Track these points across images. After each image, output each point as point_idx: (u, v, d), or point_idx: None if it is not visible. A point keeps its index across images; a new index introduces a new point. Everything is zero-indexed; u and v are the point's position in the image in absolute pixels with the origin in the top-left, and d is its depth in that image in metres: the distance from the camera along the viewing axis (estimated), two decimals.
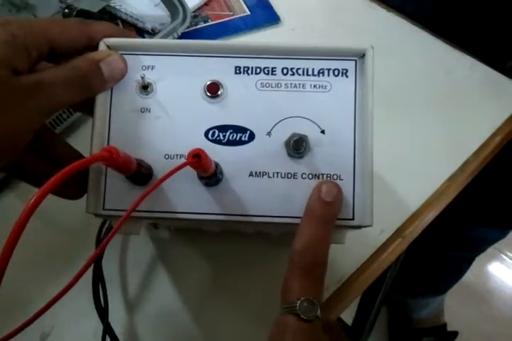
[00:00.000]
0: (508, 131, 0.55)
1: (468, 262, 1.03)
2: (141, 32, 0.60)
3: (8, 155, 0.29)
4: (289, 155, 0.31)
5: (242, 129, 0.32)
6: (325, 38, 0.59)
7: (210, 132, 0.32)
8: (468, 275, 1.08)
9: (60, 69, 0.29)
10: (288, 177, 0.31)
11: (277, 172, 0.31)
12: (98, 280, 0.41)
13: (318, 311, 0.28)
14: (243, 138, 0.32)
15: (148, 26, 0.60)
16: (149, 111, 0.32)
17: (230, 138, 0.32)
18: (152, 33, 0.59)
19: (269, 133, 0.32)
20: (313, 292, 0.29)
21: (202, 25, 0.62)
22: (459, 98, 0.56)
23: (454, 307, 1.21)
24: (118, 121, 0.32)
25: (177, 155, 0.31)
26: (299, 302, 0.28)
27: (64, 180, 0.22)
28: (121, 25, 0.61)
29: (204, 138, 0.32)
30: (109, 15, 0.60)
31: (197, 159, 0.26)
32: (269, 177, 0.31)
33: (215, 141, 0.32)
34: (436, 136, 0.53)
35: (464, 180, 0.52)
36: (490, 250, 1.01)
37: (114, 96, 0.32)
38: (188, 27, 0.60)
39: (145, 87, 0.32)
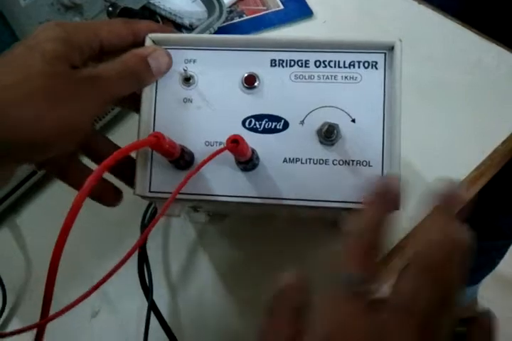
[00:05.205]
0: None
1: (500, 251, 1.02)
2: (179, 27, 0.63)
3: (69, 145, 0.32)
4: (321, 142, 0.33)
5: (276, 118, 0.34)
6: (356, 30, 0.61)
7: (247, 121, 0.34)
8: (503, 265, 1.07)
9: (113, 65, 0.32)
10: (320, 163, 0.33)
11: (310, 159, 0.33)
12: (143, 261, 0.44)
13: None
14: (278, 127, 0.34)
15: (186, 22, 0.62)
16: (191, 102, 0.34)
17: (266, 126, 0.34)
18: (190, 28, 0.62)
19: (302, 122, 0.34)
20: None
21: (237, 19, 0.64)
22: (488, 87, 0.56)
23: (488, 297, 1.21)
24: (162, 110, 0.35)
25: (216, 142, 0.34)
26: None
27: (118, 161, 0.24)
28: (160, 21, 0.63)
29: (241, 126, 0.34)
30: (149, 11, 0.62)
31: (235, 144, 0.28)
32: (301, 163, 0.33)
33: (251, 129, 0.34)
34: (466, 124, 0.54)
35: (493, 169, 0.53)
36: None
37: (159, 87, 0.35)
38: (223, 22, 0.62)
39: (187, 79, 0.34)
